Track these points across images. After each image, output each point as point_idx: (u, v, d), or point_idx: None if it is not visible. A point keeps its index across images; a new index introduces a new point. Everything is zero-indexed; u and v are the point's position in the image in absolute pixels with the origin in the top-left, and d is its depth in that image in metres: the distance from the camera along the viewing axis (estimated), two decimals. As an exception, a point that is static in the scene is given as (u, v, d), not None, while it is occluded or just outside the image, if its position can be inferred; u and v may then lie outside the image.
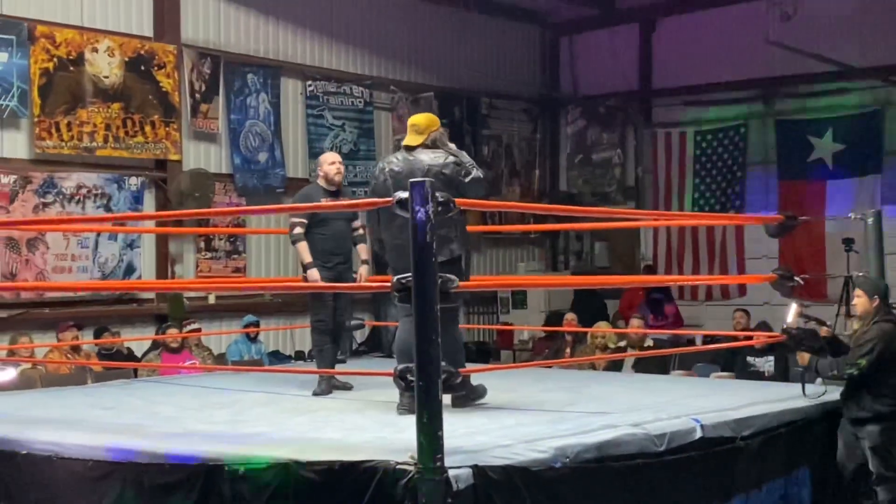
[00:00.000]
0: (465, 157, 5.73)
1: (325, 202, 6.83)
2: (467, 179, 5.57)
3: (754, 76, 13.13)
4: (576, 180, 14.92)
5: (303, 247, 6.76)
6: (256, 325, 10.08)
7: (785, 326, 6.11)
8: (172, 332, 9.19)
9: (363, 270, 7.01)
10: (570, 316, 10.71)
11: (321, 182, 7.04)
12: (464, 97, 13.72)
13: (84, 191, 9.93)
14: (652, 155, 14.21)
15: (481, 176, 5.70)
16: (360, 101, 12.47)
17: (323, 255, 6.82)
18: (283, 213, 9.45)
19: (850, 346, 5.87)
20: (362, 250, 7.10)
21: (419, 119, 5.85)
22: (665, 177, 14.09)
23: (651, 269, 13.80)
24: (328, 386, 6.65)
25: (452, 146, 5.79)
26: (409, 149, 5.75)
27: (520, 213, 13.39)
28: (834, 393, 5.90)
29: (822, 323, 6.22)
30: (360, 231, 7.13)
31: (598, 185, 14.74)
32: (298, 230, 6.84)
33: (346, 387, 6.78)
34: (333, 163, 7.00)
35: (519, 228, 13.26)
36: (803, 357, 5.90)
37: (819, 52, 12.07)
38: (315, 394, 6.57)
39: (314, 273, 6.71)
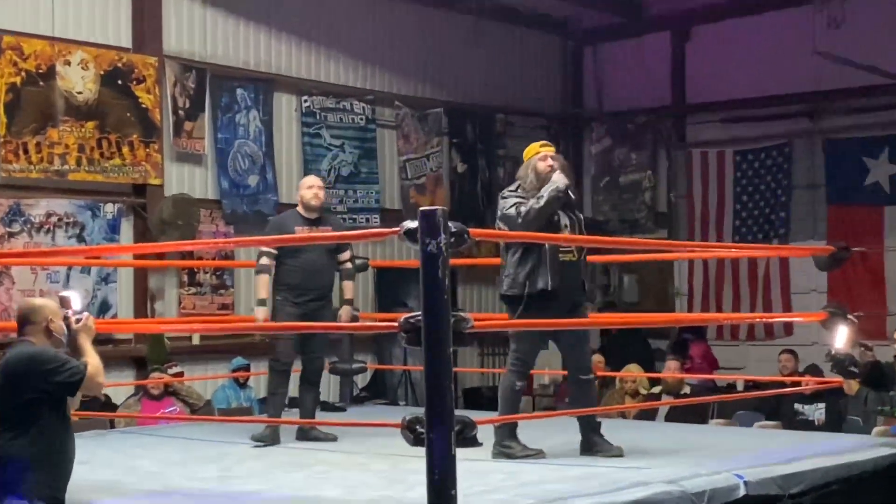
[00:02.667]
0: (509, 192, 6.02)
1: (301, 231, 6.88)
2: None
3: (800, 90, 13.16)
4: (601, 206, 14.93)
5: (260, 281, 6.85)
6: (246, 368, 10.07)
7: (833, 352, 6.11)
8: (155, 377, 9.19)
9: (345, 313, 7.04)
10: (596, 358, 10.68)
11: (300, 209, 7.10)
12: (477, 114, 13.78)
13: (54, 219, 9.97)
14: (686, 177, 14.23)
15: (510, 214, 5.94)
16: (361, 119, 12.54)
17: (291, 289, 6.87)
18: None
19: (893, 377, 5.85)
20: (347, 288, 7.14)
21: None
22: (701, 202, 14.10)
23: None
24: (275, 434, 6.65)
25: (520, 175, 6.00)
26: None
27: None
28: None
29: (866, 348, 6.21)
30: (348, 265, 7.15)
31: (627, 211, 14.75)
32: (264, 261, 6.91)
33: (330, 438, 6.78)
34: (311, 187, 7.08)
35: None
36: (851, 386, 5.89)
37: (872, 64, 12.10)
38: (256, 440, 6.58)
39: (260, 313, 6.76)
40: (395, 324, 4.30)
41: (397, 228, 4.29)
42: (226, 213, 11.23)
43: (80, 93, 10.07)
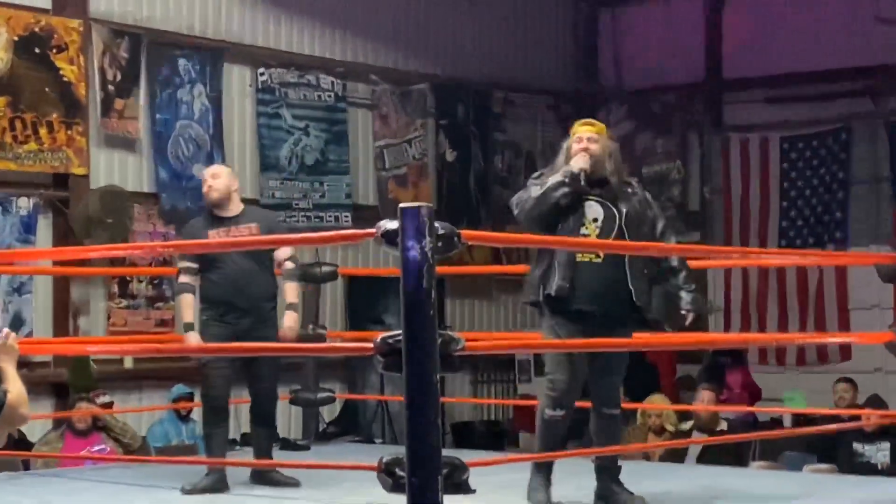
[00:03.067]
0: (531, 180, 6.07)
1: (215, 236, 6.88)
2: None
3: (859, 64, 13.19)
4: (620, 202, 14.96)
5: (184, 302, 6.85)
6: (189, 398, 10.05)
7: None
8: (81, 408, 9.17)
9: (288, 320, 7.00)
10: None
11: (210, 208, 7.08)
12: (470, 90, 13.79)
13: (-45, 216, 9.98)
14: (723, 169, 14.26)
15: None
16: (329, 96, 12.55)
17: (216, 306, 6.86)
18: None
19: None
20: (290, 290, 7.09)
21: None
22: (741, 198, 14.12)
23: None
24: (216, 481, 6.64)
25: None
26: None
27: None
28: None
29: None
30: (289, 264, 7.15)
31: (652, 210, 14.80)
32: (185, 278, 6.89)
33: (291, 482, 6.78)
34: (205, 180, 7.07)
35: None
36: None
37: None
38: (186, 492, 6.56)
39: (191, 338, 6.76)
40: (370, 345, 4.31)
41: (373, 230, 4.30)
42: (164, 210, 11.19)
43: (-13, 63, 10.08)
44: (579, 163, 5.92)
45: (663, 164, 14.75)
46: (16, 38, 10.17)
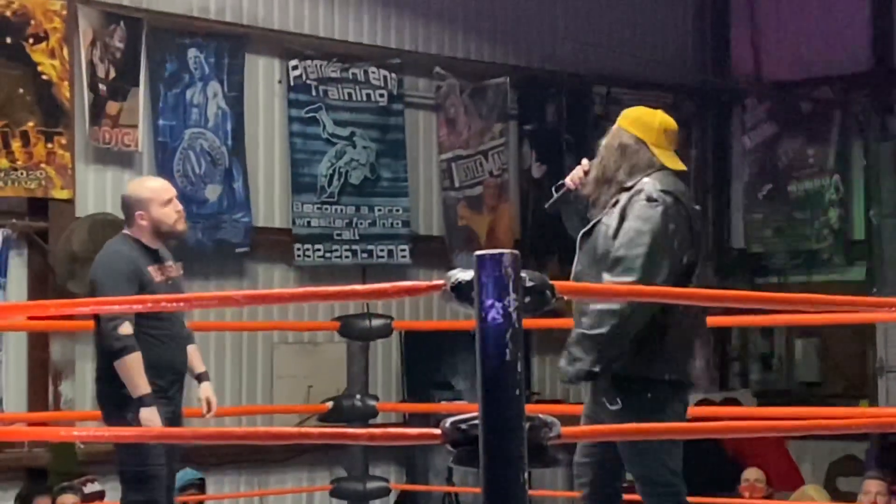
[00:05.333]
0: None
1: (156, 272, 7.03)
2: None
3: None
4: (759, 229, 14.91)
5: (135, 364, 6.83)
6: (200, 485, 10.12)
7: None
8: (66, 499, 9.24)
9: (207, 392, 7.20)
10: (752, 474, 10.66)
11: (141, 236, 7.19)
12: (563, 86, 13.81)
13: None
14: None
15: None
16: (381, 94, 12.60)
17: (162, 376, 6.96)
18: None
19: None
20: (195, 356, 7.27)
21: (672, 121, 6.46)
22: (920, 224, 14.05)
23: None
24: None
25: None
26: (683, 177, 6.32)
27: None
28: None
29: None
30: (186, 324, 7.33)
31: (800, 239, 14.71)
32: (126, 329, 6.88)
33: None
34: (171, 199, 7.12)
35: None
36: None
37: None
38: None
39: (154, 415, 6.78)
40: (437, 430, 4.32)
41: (439, 283, 4.31)
42: (169, 245, 11.28)
43: (-54, 57, 10.22)
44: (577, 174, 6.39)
45: (816, 178, 14.69)
46: (-19, 26, 10.32)
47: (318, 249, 12.04)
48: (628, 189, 6.12)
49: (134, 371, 6.78)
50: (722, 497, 9.96)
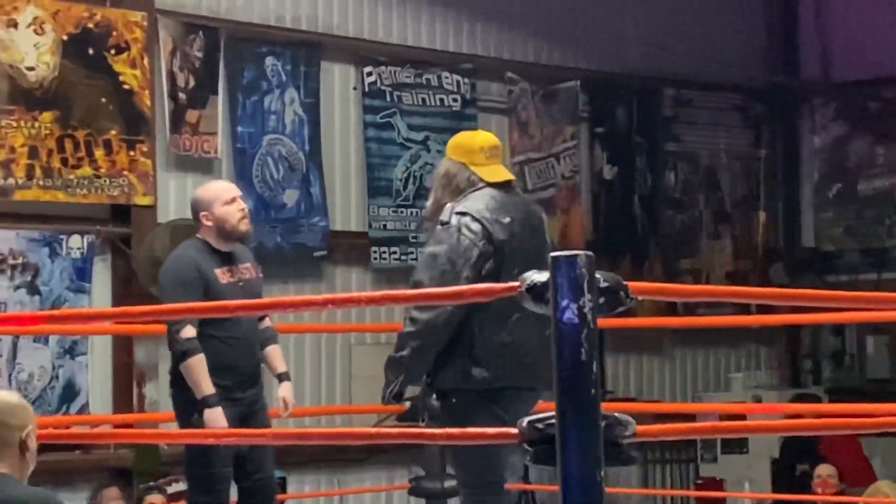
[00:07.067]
0: None
1: (224, 274, 7.00)
2: None
3: None
4: (829, 228, 14.85)
5: (198, 366, 6.81)
6: (281, 484, 10.16)
7: None
8: (153, 499, 9.32)
9: (287, 394, 7.16)
10: (825, 470, 10.61)
11: (208, 236, 7.18)
12: (633, 89, 13.81)
13: (-6, 259, 10.18)
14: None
15: None
16: (454, 99, 12.64)
17: (224, 376, 6.91)
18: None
19: None
20: (276, 356, 7.26)
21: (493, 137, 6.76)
22: None
23: None
24: None
25: None
26: (506, 186, 6.58)
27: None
28: None
29: None
30: (269, 323, 7.32)
31: (872, 237, 14.66)
32: (188, 332, 6.85)
33: None
34: (234, 200, 7.11)
35: (729, 322, 13.11)
36: None
37: None
38: None
39: (219, 416, 6.76)
40: (513, 430, 4.34)
41: (514, 284, 4.34)
42: (249, 248, 11.34)
43: (31, 69, 10.25)
44: None
45: (887, 178, 14.61)
46: (65, 38, 10.37)
47: (394, 252, 12.10)
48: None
49: (197, 373, 6.78)
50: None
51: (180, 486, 9.94)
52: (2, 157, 10.11)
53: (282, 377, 7.24)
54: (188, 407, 6.89)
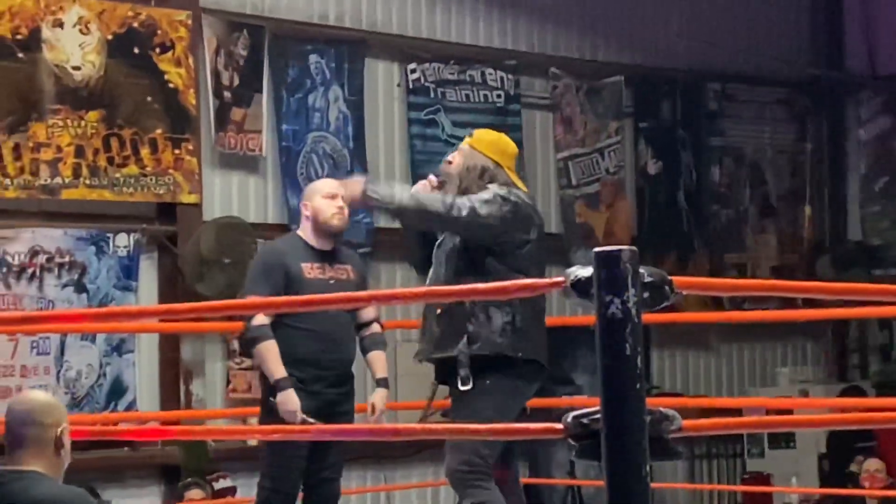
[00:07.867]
0: None
1: (312, 269, 6.97)
2: None
3: None
4: (877, 221, 14.80)
5: (271, 351, 6.84)
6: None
7: None
8: (193, 495, 9.34)
9: (378, 399, 7.17)
10: (873, 464, 10.56)
11: (305, 233, 7.16)
12: (677, 83, 13.78)
13: (41, 258, 10.20)
14: None
15: None
16: (498, 95, 12.64)
17: (301, 368, 6.92)
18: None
19: None
20: (379, 362, 7.28)
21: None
22: None
23: None
24: None
25: None
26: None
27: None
28: None
29: None
30: (376, 327, 7.29)
31: (918, 230, 14.60)
32: (259, 319, 6.89)
33: None
34: (333, 196, 7.08)
35: (776, 316, 13.06)
36: None
37: None
38: None
39: (290, 398, 6.78)
40: (559, 425, 4.33)
41: (559, 279, 4.32)
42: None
43: (77, 68, 10.32)
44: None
45: (932, 170, 14.60)
46: (110, 37, 10.44)
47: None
48: None
49: (268, 357, 6.83)
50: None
51: (227, 483, 9.98)
52: (49, 157, 10.19)
53: (379, 383, 7.29)
54: (267, 392, 6.97)
